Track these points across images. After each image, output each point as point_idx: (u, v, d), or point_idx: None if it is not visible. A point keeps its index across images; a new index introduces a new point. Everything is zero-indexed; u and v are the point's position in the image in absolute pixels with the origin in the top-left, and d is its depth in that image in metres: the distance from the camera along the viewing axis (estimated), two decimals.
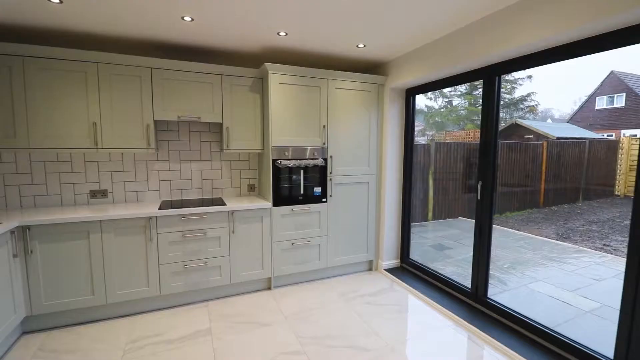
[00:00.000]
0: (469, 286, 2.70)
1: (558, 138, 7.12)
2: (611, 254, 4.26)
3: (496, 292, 3.18)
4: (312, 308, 2.68)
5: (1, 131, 2.32)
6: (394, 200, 3.44)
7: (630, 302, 1.71)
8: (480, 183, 2.51)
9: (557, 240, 4.87)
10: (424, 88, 3.14)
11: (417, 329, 2.42)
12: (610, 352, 1.82)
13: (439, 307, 2.67)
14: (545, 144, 6.64)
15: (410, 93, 3.31)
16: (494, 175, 2.45)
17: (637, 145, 4.57)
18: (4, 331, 2.03)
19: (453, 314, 2.54)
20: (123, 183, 2.93)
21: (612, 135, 5.40)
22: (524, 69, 2.23)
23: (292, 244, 3.04)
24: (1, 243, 2.05)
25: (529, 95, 12.15)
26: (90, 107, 2.51)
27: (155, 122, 2.78)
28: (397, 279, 3.21)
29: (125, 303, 2.55)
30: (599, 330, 2.61)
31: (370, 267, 3.52)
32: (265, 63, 2.78)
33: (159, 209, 2.60)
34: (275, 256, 2.98)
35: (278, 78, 2.86)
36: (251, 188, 3.41)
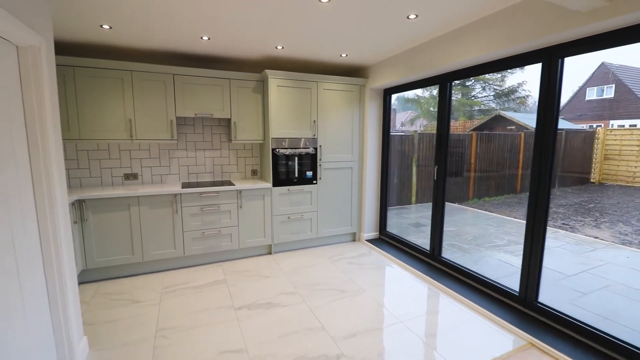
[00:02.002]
0: (428, 249, 3.40)
1: None
2: (565, 230, 4.93)
3: (456, 257, 3.88)
4: (305, 266, 3.38)
5: None
6: (373, 182, 4.11)
7: (528, 251, 2.40)
8: (436, 167, 3.18)
9: (522, 220, 5.56)
10: (399, 89, 3.77)
11: (386, 279, 3.12)
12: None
13: (405, 266, 3.37)
14: (522, 134, 7.27)
15: (388, 93, 3.94)
16: (446, 161, 3.11)
17: (612, 136, 4.95)
18: None
19: (415, 270, 3.23)
20: (150, 168, 3.58)
21: (601, 126, 5.59)
22: (467, 77, 2.86)
23: (289, 217, 3.71)
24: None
25: (519, 85, 12.69)
26: (126, 107, 3.14)
27: (177, 118, 3.41)
28: (375, 247, 3.90)
29: (157, 261, 3.23)
30: None
31: (354, 237, 4.22)
32: (266, 70, 3.41)
33: (182, 188, 3.25)
34: (275, 227, 3.66)
35: (276, 82, 3.48)
36: (254, 172, 4.07)
